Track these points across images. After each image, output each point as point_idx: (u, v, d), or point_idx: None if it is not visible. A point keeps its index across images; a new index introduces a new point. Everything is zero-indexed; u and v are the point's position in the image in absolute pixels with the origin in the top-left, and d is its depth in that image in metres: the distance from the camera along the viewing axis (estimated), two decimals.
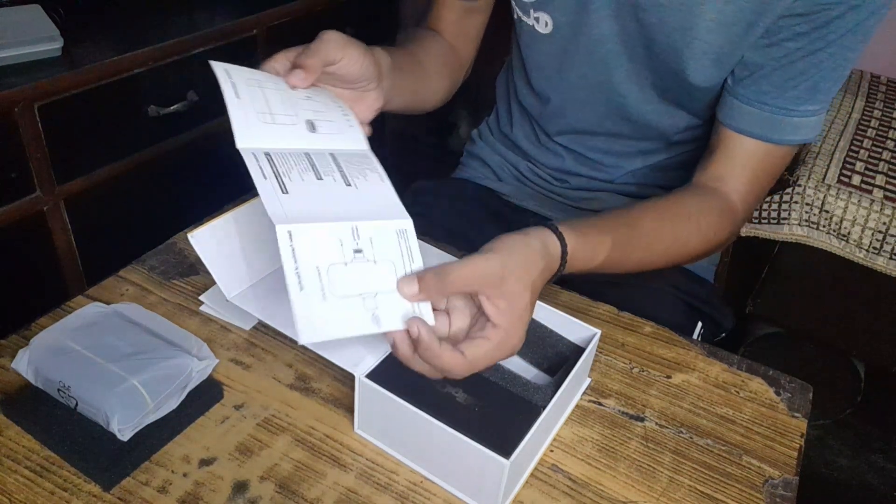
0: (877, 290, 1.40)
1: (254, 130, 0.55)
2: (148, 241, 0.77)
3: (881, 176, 1.40)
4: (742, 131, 0.73)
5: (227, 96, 0.56)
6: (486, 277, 0.53)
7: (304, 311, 0.49)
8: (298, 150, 0.57)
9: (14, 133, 1.03)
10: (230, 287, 0.62)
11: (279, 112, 0.57)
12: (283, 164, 0.55)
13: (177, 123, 1.28)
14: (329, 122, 0.60)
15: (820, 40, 0.67)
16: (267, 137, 0.56)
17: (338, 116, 0.61)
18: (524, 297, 0.54)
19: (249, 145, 0.55)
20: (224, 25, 1.31)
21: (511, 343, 0.54)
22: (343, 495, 0.54)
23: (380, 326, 0.52)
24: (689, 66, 0.74)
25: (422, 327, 0.52)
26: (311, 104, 0.60)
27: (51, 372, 0.57)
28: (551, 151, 0.94)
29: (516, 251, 0.55)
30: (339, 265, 0.52)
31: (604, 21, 0.76)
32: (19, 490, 0.52)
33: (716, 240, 0.75)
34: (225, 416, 0.59)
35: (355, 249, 0.53)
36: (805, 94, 0.70)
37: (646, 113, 0.83)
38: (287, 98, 0.59)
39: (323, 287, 0.51)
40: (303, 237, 0.51)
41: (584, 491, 0.56)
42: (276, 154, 0.55)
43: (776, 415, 0.64)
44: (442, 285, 0.53)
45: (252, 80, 0.58)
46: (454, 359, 0.52)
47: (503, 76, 1.00)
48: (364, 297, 0.53)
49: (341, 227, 0.53)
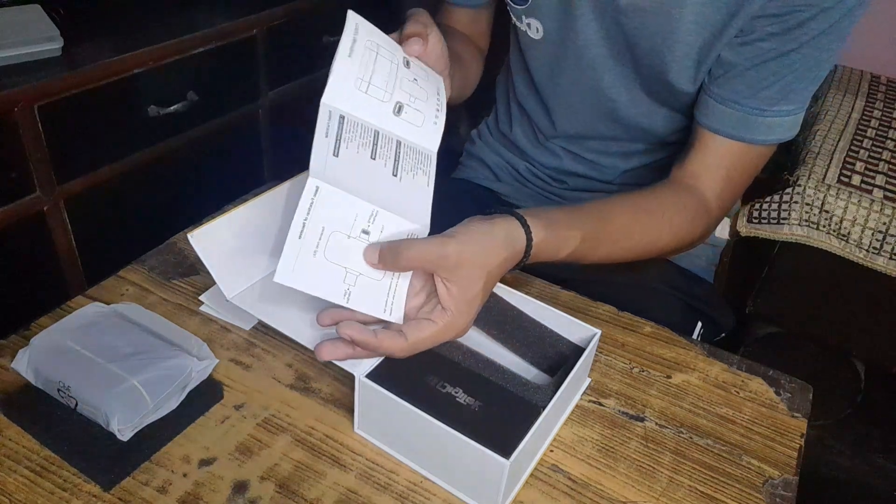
0: (877, 290, 1.40)
1: (344, 93, 0.57)
2: (148, 241, 0.77)
3: (881, 176, 1.40)
4: (717, 130, 0.74)
5: (341, 50, 0.57)
6: (442, 260, 0.54)
7: (291, 256, 0.52)
8: (371, 125, 0.59)
9: (14, 133, 1.03)
10: (230, 287, 0.62)
11: (377, 84, 0.59)
12: (349, 131, 0.57)
13: (177, 123, 1.28)
14: (417, 112, 0.61)
15: (792, 41, 0.67)
16: (352, 103, 0.58)
17: (430, 110, 0.62)
18: (477, 284, 0.55)
19: (333, 103, 0.57)
20: (224, 25, 1.31)
21: (456, 327, 0.56)
22: (343, 495, 0.54)
23: (348, 302, 0.54)
24: (672, 68, 0.74)
25: (354, 334, 0.53)
26: (414, 88, 0.61)
27: (51, 372, 0.57)
28: (549, 151, 0.94)
29: (476, 239, 0.56)
30: (343, 235, 0.55)
31: (589, 26, 0.77)
32: (19, 490, 0.52)
33: (688, 238, 0.76)
34: (225, 416, 0.59)
35: (363, 230, 0.56)
36: (778, 94, 0.70)
37: (636, 116, 0.83)
38: (394, 74, 0.60)
39: (318, 245, 0.53)
40: (326, 197, 0.54)
41: (584, 491, 0.56)
42: (350, 120, 0.57)
43: (776, 415, 0.64)
44: (396, 260, 0.55)
45: (373, 43, 0.59)
46: (395, 343, 0.54)
47: (503, 76, 1.00)
48: (347, 271, 0.55)
49: (363, 206, 0.56)
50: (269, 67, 1.44)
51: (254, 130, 1.49)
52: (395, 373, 0.56)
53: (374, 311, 0.56)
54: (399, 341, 0.54)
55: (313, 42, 1.54)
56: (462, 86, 0.82)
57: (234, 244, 0.62)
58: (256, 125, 1.49)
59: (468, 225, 0.57)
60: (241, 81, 1.41)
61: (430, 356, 0.59)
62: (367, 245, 0.56)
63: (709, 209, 0.76)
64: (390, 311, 0.56)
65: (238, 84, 1.41)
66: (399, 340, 0.54)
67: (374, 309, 0.56)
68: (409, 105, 0.61)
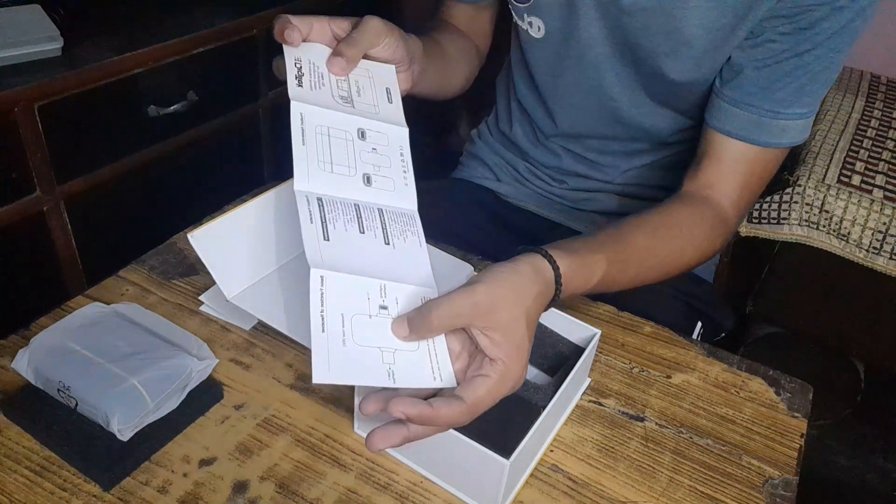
0: (877, 290, 1.40)
1: (312, 176, 0.58)
2: (148, 241, 0.77)
3: (881, 176, 1.40)
4: (730, 134, 0.73)
5: (295, 140, 0.58)
6: (474, 308, 0.51)
7: (322, 352, 0.50)
8: (349, 200, 0.59)
9: (14, 133, 1.03)
10: (230, 287, 0.62)
11: (339, 163, 0.60)
12: (331, 211, 0.57)
13: (177, 123, 1.28)
14: (385, 179, 0.61)
15: (805, 42, 0.67)
16: (323, 184, 0.58)
17: (397, 174, 0.62)
18: (520, 324, 0.52)
19: (305, 188, 0.57)
20: (224, 25, 1.31)
21: (513, 375, 0.51)
22: (343, 495, 0.54)
23: (394, 382, 0.51)
24: (675, 68, 0.74)
25: (407, 409, 0.48)
26: (374, 158, 0.62)
27: (51, 372, 0.57)
28: (549, 151, 0.94)
29: (503, 279, 0.53)
30: (364, 316, 0.53)
31: (591, 25, 0.76)
32: (19, 490, 0.52)
33: (710, 249, 0.74)
34: (225, 416, 0.59)
35: (381, 306, 0.55)
36: (791, 96, 0.70)
37: (638, 115, 0.83)
38: (351, 150, 0.61)
39: (344, 333, 0.52)
40: (333, 284, 0.53)
41: (584, 491, 0.56)
42: (328, 200, 0.57)
43: (776, 415, 0.64)
44: (427, 324, 0.52)
45: (322, 127, 0.60)
46: (453, 410, 0.49)
47: (503, 76, 1.00)
48: (383, 351, 0.52)
49: (370, 283, 0.55)
50: (269, 67, 1.43)
51: (254, 130, 1.49)
52: None
53: (422, 382, 0.52)
54: (456, 406, 0.49)
55: None
56: (442, 83, 0.82)
57: (234, 244, 0.62)
58: (256, 125, 1.49)
59: (491, 269, 0.54)
60: (241, 81, 1.41)
61: None
62: (391, 320, 0.54)
63: (726, 218, 0.74)
64: (440, 377, 0.53)
65: (238, 84, 1.41)
66: (456, 405, 0.49)
67: (422, 380, 0.52)
68: (376, 174, 0.61)
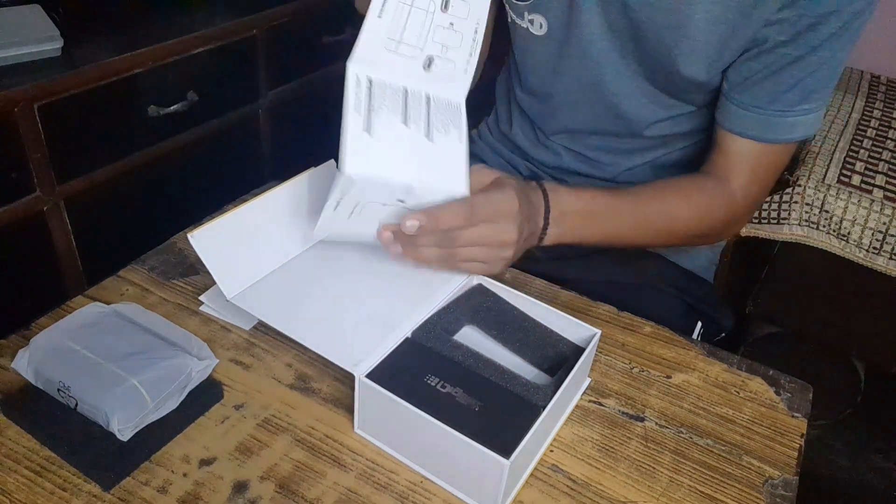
0: (877, 290, 1.40)
1: (372, 56, 0.58)
2: (148, 241, 0.77)
3: (881, 176, 1.40)
4: (740, 133, 0.75)
5: (372, 9, 0.57)
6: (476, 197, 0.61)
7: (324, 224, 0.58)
8: (400, 86, 0.60)
9: (14, 133, 1.03)
10: (230, 287, 0.62)
11: (408, 41, 0.59)
12: (378, 98, 0.58)
13: (177, 123, 1.28)
14: (448, 63, 0.61)
15: (805, 46, 0.68)
16: (380, 64, 0.58)
17: (461, 56, 0.63)
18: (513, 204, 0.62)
19: (360, 67, 0.58)
20: (224, 25, 1.31)
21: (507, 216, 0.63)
22: (343, 495, 0.54)
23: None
24: (680, 63, 0.74)
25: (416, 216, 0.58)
26: (448, 36, 0.61)
27: (51, 372, 0.57)
28: (550, 150, 0.94)
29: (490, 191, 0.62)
30: (378, 205, 0.58)
31: (593, 19, 0.77)
32: (19, 490, 0.52)
33: (709, 219, 0.77)
34: (225, 416, 0.59)
35: (399, 199, 0.58)
36: (798, 96, 0.71)
37: (639, 112, 0.83)
38: (428, 25, 0.60)
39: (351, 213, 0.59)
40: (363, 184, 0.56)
41: (584, 491, 0.56)
42: (378, 84, 0.58)
43: (776, 415, 0.64)
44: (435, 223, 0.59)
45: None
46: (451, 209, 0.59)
47: (503, 76, 1.00)
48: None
49: (399, 184, 0.57)
50: (269, 67, 1.44)
51: (254, 130, 1.49)
52: (395, 373, 0.56)
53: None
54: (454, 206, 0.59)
55: (313, 42, 1.54)
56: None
57: (234, 244, 0.62)
58: (256, 125, 1.49)
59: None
60: (241, 81, 1.41)
61: (429, 356, 0.59)
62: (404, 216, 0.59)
63: (732, 195, 0.77)
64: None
65: (238, 84, 1.41)
66: (454, 205, 0.59)
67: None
68: (441, 56, 0.61)
